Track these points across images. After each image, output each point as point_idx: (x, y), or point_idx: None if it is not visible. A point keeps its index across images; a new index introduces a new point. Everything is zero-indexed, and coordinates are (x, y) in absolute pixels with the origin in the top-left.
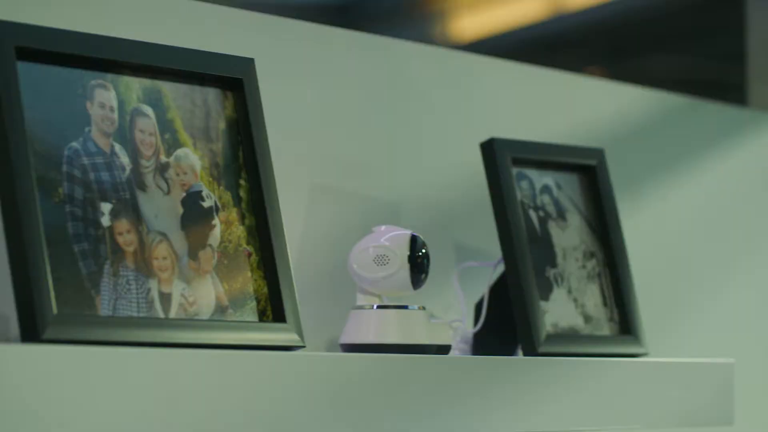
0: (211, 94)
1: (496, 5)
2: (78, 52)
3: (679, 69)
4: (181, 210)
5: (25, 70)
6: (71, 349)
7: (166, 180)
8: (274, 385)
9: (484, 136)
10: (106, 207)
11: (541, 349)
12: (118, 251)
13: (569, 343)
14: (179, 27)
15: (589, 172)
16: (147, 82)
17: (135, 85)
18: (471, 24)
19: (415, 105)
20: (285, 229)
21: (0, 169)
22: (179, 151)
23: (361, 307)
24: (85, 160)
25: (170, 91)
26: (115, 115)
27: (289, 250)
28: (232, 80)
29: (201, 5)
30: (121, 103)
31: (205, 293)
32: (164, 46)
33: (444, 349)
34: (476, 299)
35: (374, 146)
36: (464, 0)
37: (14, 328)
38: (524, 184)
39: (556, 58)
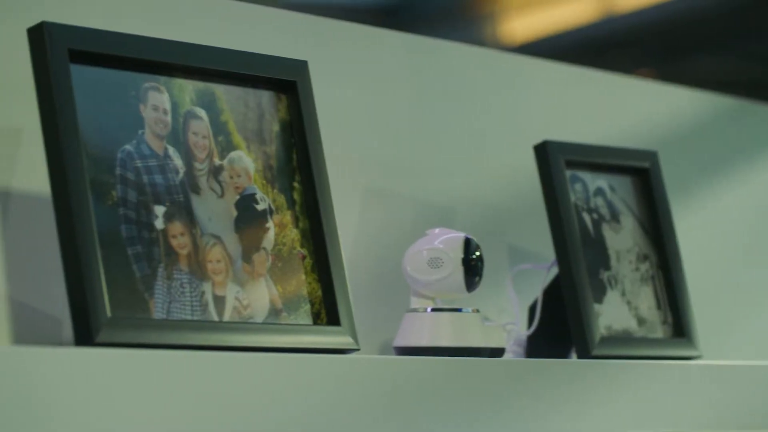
0: (265, 96)
1: (546, 7)
2: (131, 54)
3: (728, 70)
4: (234, 213)
5: (79, 72)
6: (125, 352)
7: (219, 183)
8: (328, 388)
9: (537, 139)
10: (159, 210)
11: (595, 352)
12: (171, 254)
13: (623, 345)
14: (233, 29)
15: (643, 175)
16: (200, 85)
17: (188, 88)
18: (521, 26)
19: (468, 107)
20: (339, 232)
21: (54, 173)
22: (233, 154)
23: (415, 310)
24: (139, 163)
25: (224, 93)
26: (169, 118)
27: (343, 253)
28: (286, 83)
29: (254, 8)
30: (175, 106)
31: (259, 296)
32: (218, 49)
33: (498, 352)
34: (530, 302)
35: (427, 149)
36: (514, 2)
37: (67, 331)
38: (578, 186)
39: (606, 60)
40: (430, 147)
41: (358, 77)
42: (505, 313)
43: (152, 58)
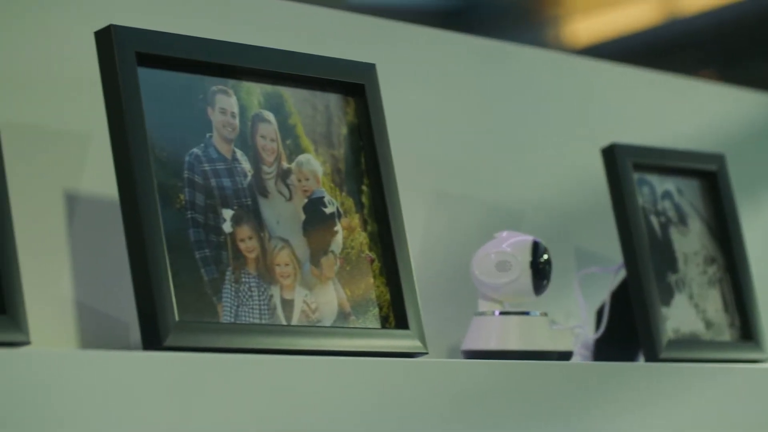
0: (333, 99)
1: (609, 10)
2: (199, 57)
3: None
4: (303, 216)
5: (146, 76)
6: (193, 356)
7: (287, 186)
8: (396, 392)
9: (603, 141)
10: (227, 213)
11: (663, 355)
12: (240, 258)
13: (690, 348)
14: (301, 32)
15: (710, 177)
16: (268, 88)
17: (256, 91)
18: (584, 28)
19: (535, 110)
20: (407, 235)
21: (121, 176)
22: (301, 157)
23: (482, 314)
24: (207, 166)
25: (291, 96)
26: (237, 121)
27: (411, 256)
28: (354, 86)
29: (322, 10)
30: (243, 109)
31: (328, 300)
32: (286, 52)
33: (566, 356)
34: (597, 305)
35: (495, 152)
36: (578, 4)
37: (134, 335)
38: (645, 189)
39: (670, 62)
40: (498, 150)
41: (425, 80)
42: (573, 316)
43: (220, 61)
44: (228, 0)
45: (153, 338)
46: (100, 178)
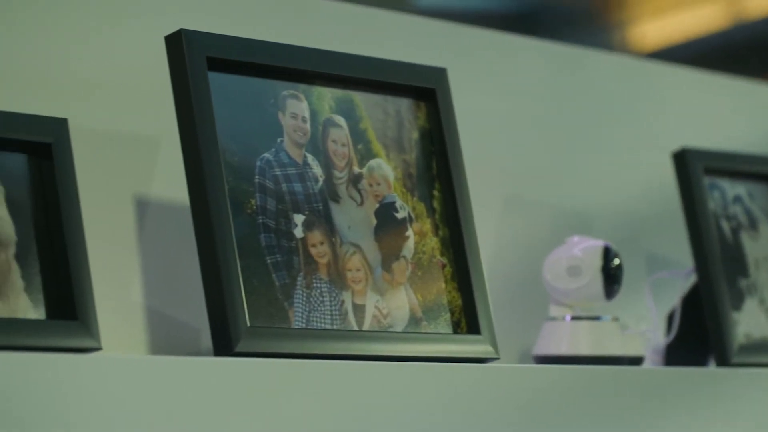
0: (404, 104)
1: (676, 13)
2: (270, 62)
3: None
4: (374, 221)
5: (217, 80)
6: (264, 362)
7: (359, 191)
8: (468, 397)
9: (673, 146)
10: (299, 218)
11: (735, 360)
12: (311, 263)
13: (762, 353)
14: (371, 37)
15: None
16: (339, 92)
17: (327, 95)
18: (652, 32)
19: (606, 114)
20: (478, 240)
21: (192, 182)
22: (372, 162)
23: (554, 318)
24: (278, 171)
25: (362, 101)
26: (308, 126)
27: (483, 261)
28: (425, 90)
29: (393, 15)
30: (314, 114)
31: (399, 305)
32: (356, 56)
33: (637, 361)
34: (668, 309)
35: (566, 156)
36: (645, 9)
37: (205, 341)
38: (716, 193)
39: (739, 66)
40: (569, 155)
41: (495, 84)
42: (644, 320)
43: (291, 65)
44: (298, 4)
45: (224, 344)
46: (170, 183)
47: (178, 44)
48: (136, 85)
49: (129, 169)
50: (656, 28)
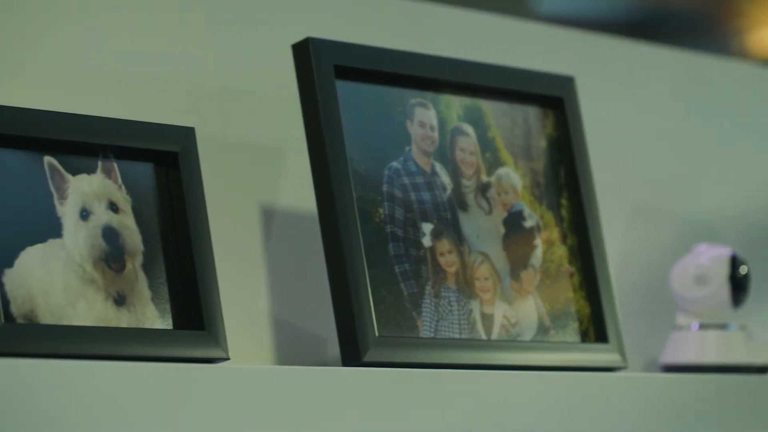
0: (531, 112)
1: None
2: (398, 70)
3: None
4: (502, 230)
5: (345, 88)
6: (393, 371)
7: (487, 199)
8: (597, 406)
9: None
10: (427, 227)
11: None
12: (439, 272)
13: None
14: (497, 45)
15: None
16: (467, 101)
17: (455, 104)
18: None
19: (733, 122)
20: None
21: (320, 191)
22: (500, 170)
23: (681, 327)
24: (406, 180)
25: (490, 109)
26: (436, 134)
27: (611, 270)
28: (553, 98)
29: (519, 23)
30: (442, 122)
31: (527, 314)
32: (484, 64)
33: (764, 369)
34: None
35: (693, 165)
36: (764, 15)
37: (331, 350)
38: None
39: None
40: (696, 163)
41: (622, 92)
42: None
43: (419, 73)
44: (424, 12)
45: (352, 354)
46: (297, 192)
47: (306, 52)
48: (263, 94)
49: (255, 178)
50: None
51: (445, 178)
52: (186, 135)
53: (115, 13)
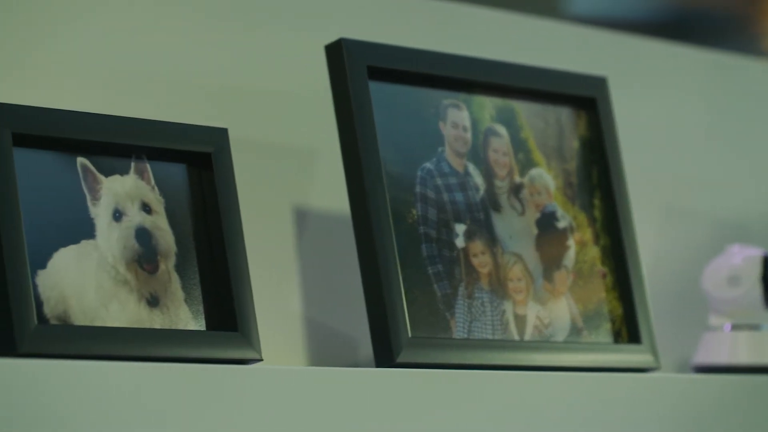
0: (564, 113)
1: None
2: (430, 71)
3: None
4: (535, 231)
5: (377, 89)
6: (426, 372)
7: (520, 200)
8: (630, 407)
9: None
10: (460, 228)
11: None
12: (472, 273)
13: None
14: (528, 45)
15: None
16: (500, 102)
17: (488, 104)
18: None
19: (764, 122)
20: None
21: (353, 192)
22: (533, 171)
23: (713, 328)
24: (439, 181)
25: (523, 110)
26: (469, 135)
27: (644, 271)
28: (585, 99)
29: (551, 23)
30: (475, 123)
31: (560, 315)
32: (517, 65)
33: None
34: None
35: (726, 165)
36: None
37: (363, 351)
38: None
39: None
40: (729, 163)
41: (654, 93)
42: None
43: (452, 74)
44: (457, 13)
45: (385, 354)
46: (329, 193)
47: (339, 53)
48: (296, 95)
49: (288, 179)
50: None
51: (478, 179)
52: (219, 136)
53: (148, 14)
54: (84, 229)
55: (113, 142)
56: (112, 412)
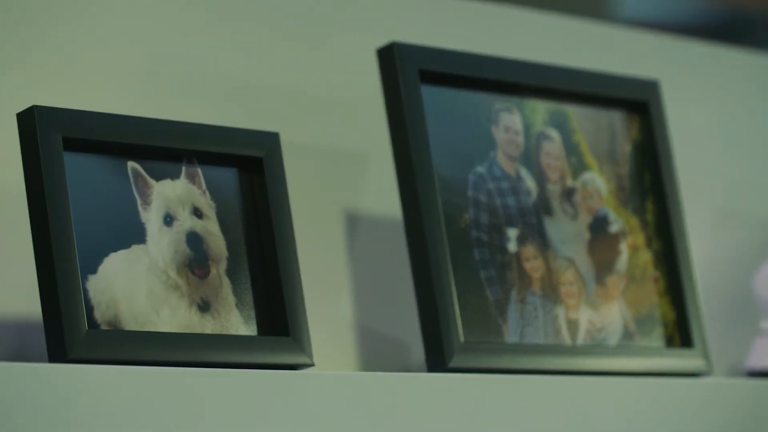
0: (616, 116)
1: None
2: (483, 75)
3: None
4: (587, 235)
5: (430, 93)
6: (478, 377)
7: (572, 204)
8: (682, 412)
9: None
10: (512, 232)
11: None
12: (524, 277)
13: None
14: (579, 49)
15: None
16: (552, 105)
17: (540, 108)
18: None
19: None
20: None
21: (405, 196)
22: (585, 175)
23: (766, 332)
24: (491, 185)
25: (575, 113)
26: (521, 139)
27: (696, 275)
28: (637, 103)
29: (603, 27)
30: (527, 127)
31: (613, 319)
32: (569, 69)
33: None
34: None
35: None
36: None
37: (415, 356)
38: None
39: None
40: None
41: (707, 96)
42: None
43: (504, 78)
44: (508, 16)
45: (438, 359)
46: (381, 197)
47: (391, 57)
48: (347, 98)
49: (339, 183)
50: None
51: (530, 183)
52: (271, 140)
53: (200, 18)
54: (135, 234)
55: (164, 146)
56: (163, 418)
